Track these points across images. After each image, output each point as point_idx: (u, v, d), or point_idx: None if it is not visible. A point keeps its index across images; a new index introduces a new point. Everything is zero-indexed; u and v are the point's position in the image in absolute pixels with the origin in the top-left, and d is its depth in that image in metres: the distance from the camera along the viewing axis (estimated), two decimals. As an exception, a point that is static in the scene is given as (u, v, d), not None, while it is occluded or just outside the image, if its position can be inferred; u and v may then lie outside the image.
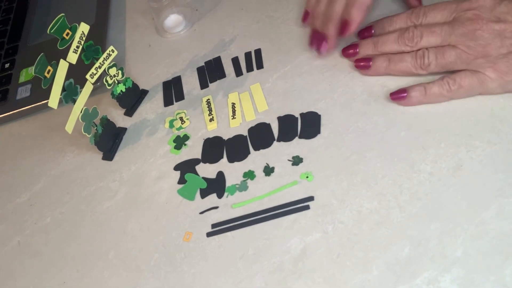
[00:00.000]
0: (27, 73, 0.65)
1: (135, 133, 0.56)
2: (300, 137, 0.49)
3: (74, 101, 0.49)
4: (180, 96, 0.57)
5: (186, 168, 0.51)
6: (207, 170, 0.50)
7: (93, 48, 0.51)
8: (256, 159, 0.49)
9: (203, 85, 0.57)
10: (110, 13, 0.70)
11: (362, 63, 0.49)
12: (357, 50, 0.50)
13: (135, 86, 0.58)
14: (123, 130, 0.56)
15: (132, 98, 0.58)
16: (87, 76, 0.50)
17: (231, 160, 0.50)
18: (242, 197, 0.47)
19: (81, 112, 0.49)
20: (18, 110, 0.62)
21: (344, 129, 0.48)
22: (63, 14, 0.46)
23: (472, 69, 0.44)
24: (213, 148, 0.51)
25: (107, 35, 0.67)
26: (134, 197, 0.51)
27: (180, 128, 0.54)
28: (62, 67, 0.47)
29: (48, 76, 0.46)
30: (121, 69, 0.55)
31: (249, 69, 0.56)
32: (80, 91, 0.50)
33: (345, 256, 0.41)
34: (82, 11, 0.70)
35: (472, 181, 0.41)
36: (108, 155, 0.55)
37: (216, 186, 0.48)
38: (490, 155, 0.42)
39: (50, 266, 0.49)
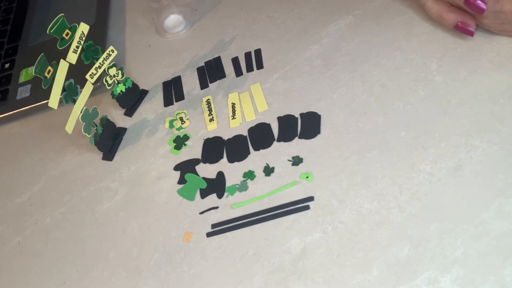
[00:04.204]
0: (27, 73, 0.65)
1: (135, 133, 0.56)
2: (300, 137, 0.49)
3: (74, 101, 0.49)
4: (180, 96, 0.57)
5: (186, 168, 0.51)
6: (207, 170, 0.50)
7: (93, 48, 0.51)
8: (256, 159, 0.49)
9: (203, 85, 0.57)
10: (110, 13, 0.70)
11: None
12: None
13: (135, 86, 0.58)
14: (123, 130, 0.56)
15: (132, 98, 0.58)
16: (87, 76, 0.50)
17: (231, 160, 0.50)
18: (242, 197, 0.47)
19: (81, 112, 0.49)
20: (18, 110, 0.62)
21: (344, 129, 0.48)
22: (63, 14, 0.46)
23: None
24: (213, 148, 0.51)
25: (107, 35, 0.67)
26: (134, 197, 0.51)
27: (180, 128, 0.54)
28: (62, 67, 0.47)
29: (48, 76, 0.46)
30: (121, 69, 0.55)
31: (249, 69, 0.56)
32: (80, 91, 0.50)
33: (345, 256, 0.41)
34: (82, 11, 0.70)
35: (472, 181, 0.41)
36: (108, 155, 0.55)
37: (216, 186, 0.48)
38: (490, 155, 0.42)
39: (50, 266, 0.49)
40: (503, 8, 0.45)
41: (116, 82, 0.55)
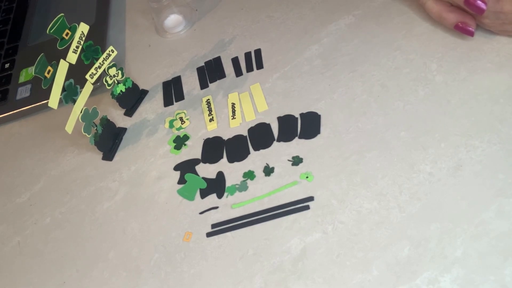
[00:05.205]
0: (27, 73, 0.65)
1: (135, 133, 0.56)
2: (300, 137, 0.49)
3: (74, 101, 0.49)
4: (180, 96, 0.57)
5: (186, 168, 0.51)
6: (207, 170, 0.50)
7: (93, 48, 0.51)
8: (256, 159, 0.49)
9: (203, 85, 0.57)
10: (110, 13, 0.70)
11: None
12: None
13: (135, 86, 0.58)
14: (123, 130, 0.56)
15: (132, 98, 0.58)
16: (87, 76, 0.50)
17: (231, 160, 0.50)
18: (242, 197, 0.47)
19: (81, 112, 0.49)
20: (18, 110, 0.62)
21: (344, 129, 0.48)
22: (63, 14, 0.46)
23: None
24: (213, 148, 0.51)
25: (107, 35, 0.67)
26: (134, 197, 0.51)
27: (180, 128, 0.54)
28: (62, 67, 0.47)
29: (48, 76, 0.46)
30: (121, 69, 0.55)
31: (249, 69, 0.56)
32: (80, 91, 0.50)
33: (345, 256, 0.41)
34: (82, 11, 0.70)
35: (472, 181, 0.41)
36: (108, 155, 0.55)
37: (216, 186, 0.48)
38: (490, 155, 0.42)
39: (50, 266, 0.49)
40: (503, 8, 0.45)
41: (116, 82, 0.55)
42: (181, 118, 0.55)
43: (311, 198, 0.45)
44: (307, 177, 0.46)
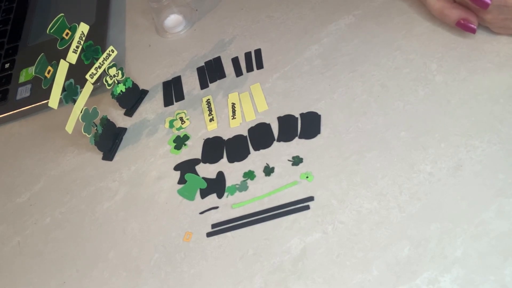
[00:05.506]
0: (27, 73, 0.65)
1: (135, 133, 0.56)
2: (300, 137, 0.49)
3: (74, 101, 0.49)
4: (180, 96, 0.57)
5: (186, 168, 0.51)
6: (207, 170, 0.50)
7: (93, 48, 0.51)
8: (256, 159, 0.49)
9: (203, 85, 0.57)
10: (110, 13, 0.70)
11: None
12: None
13: (135, 86, 0.58)
14: (123, 130, 0.56)
15: (132, 98, 0.58)
16: (87, 76, 0.50)
17: (231, 160, 0.50)
18: (242, 197, 0.47)
19: (81, 112, 0.49)
20: (18, 110, 0.62)
21: (344, 129, 0.48)
22: (63, 14, 0.46)
23: None
24: (213, 148, 0.51)
25: (107, 35, 0.67)
26: (134, 197, 0.51)
27: (180, 128, 0.54)
28: (62, 67, 0.47)
29: (48, 76, 0.46)
30: (121, 69, 0.55)
31: (249, 69, 0.56)
32: (80, 91, 0.50)
33: (345, 256, 0.41)
34: (82, 11, 0.70)
35: (472, 181, 0.41)
36: (108, 155, 0.55)
37: (216, 186, 0.48)
38: (490, 155, 0.42)
39: (50, 266, 0.49)
40: (507, 2, 0.44)
41: (116, 82, 0.55)
42: (181, 118, 0.55)
43: (311, 198, 0.45)
44: (307, 177, 0.46)
